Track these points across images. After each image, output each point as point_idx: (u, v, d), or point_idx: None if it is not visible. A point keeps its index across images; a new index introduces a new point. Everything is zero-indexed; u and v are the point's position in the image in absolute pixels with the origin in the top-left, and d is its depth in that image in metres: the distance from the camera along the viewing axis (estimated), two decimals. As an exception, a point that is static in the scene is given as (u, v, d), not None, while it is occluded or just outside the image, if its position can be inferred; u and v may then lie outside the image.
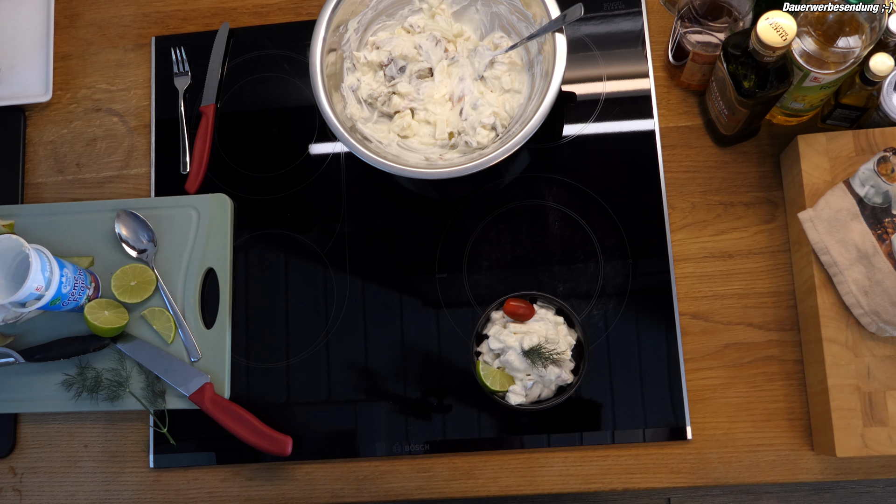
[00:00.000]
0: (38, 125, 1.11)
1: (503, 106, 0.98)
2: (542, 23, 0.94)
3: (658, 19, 1.05)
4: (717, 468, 0.92)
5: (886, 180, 0.82)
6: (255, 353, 1.00)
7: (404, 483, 0.95)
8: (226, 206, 1.02)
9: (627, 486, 0.93)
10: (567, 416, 0.94)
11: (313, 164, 1.05)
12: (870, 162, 0.83)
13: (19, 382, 0.99)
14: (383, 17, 1.03)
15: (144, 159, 1.08)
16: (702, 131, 1.01)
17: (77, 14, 1.14)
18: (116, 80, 1.11)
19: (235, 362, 0.99)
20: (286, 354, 1.00)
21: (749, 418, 0.93)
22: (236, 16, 1.11)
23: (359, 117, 1.00)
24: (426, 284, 0.99)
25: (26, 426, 1.02)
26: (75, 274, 0.94)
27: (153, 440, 0.98)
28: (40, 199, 1.09)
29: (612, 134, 1.02)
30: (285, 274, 1.02)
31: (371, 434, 0.96)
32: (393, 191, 1.04)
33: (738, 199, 0.98)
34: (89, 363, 0.98)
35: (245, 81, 1.09)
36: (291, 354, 1.00)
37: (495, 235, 1.00)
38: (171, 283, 1.00)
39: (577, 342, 0.91)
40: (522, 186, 1.01)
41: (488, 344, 0.91)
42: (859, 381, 0.85)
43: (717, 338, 0.95)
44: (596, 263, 0.98)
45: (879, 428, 0.84)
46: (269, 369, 0.99)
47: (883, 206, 0.83)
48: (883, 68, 0.83)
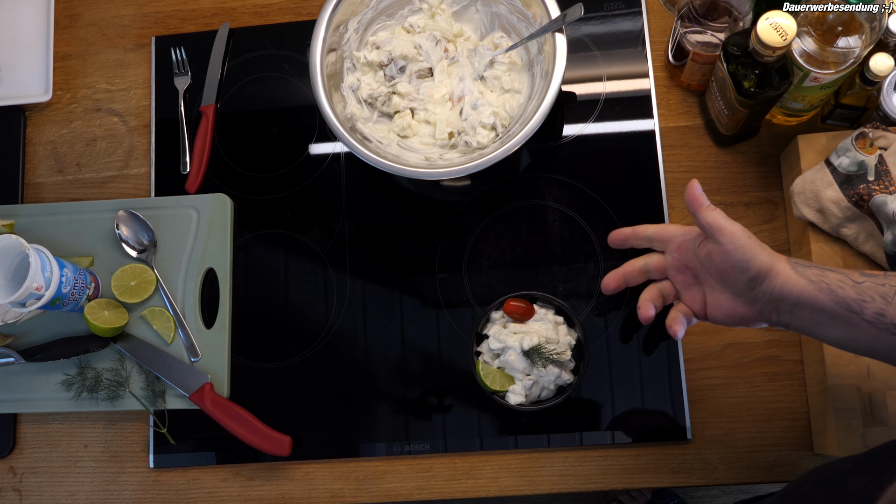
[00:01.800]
0: (38, 125, 1.11)
1: (503, 106, 0.98)
2: (542, 23, 0.94)
3: (658, 19, 1.05)
4: (717, 468, 0.92)
5: (864, 153, 0.84)
6: (255, 353, 1.00)
7: (404, 483, 0.95)
8: (226, 206, 1.02)
9: (627, 486, 0.93)
10: (567, 416, 0.94)
11: (313, 164, 1.05)
12: (848, 138, 0.85)
13: (19, 382, 0.99)
14: (383, 17, 1.03)
15: (144, 159, 1.08)
16: (702, 131, 1.01)
17: (77, 14, 1.14)
18: (116, 80, 1.11)
19: (235, 362, 0.99)
20: (286, 354, 1.00)
21: (749, 418, 0.93)
22: (236, 16, 1.11)
23: (359, 117, 1.00)
24: (426, 284, 0.99)
25: (26, 426, 1.02)
26: (75, 274, 0.94)
27: (153, 440, 0.98)
28: (40, 199, 1.09)
29: (612, 134, 1.02)
30: (285, 274, 1.02)
31: (371, 434, 0.96)
32: (393, 191, 1.04)
33: (738, 199, 0.98)
34: (89, 363, 0.98)
35: (245, 81, 1.09)
36: (291, 354, 1.00)
37: (495, 235, 1.00)
38: (171, 283, 1.00)
39: (577, 342, 0.91)
40: (522, 186, 1.01)
41: (488, 344, 0.91)
42: (859, 381, 0.85)
43: (717, 338, 0.95)
44: (596, 263, 0.98)
45: (879, 428, 0.84)
46: (269, 369, 0.99)
47: (859, 173, 0.84)
48: (883, 68, 0.83)
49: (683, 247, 0.79)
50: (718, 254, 0.72)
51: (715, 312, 0.76)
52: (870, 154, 0.84)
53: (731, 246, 0.71)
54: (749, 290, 0.71)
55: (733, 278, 0.72)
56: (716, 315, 0.76)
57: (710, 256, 0.74)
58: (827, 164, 0.87)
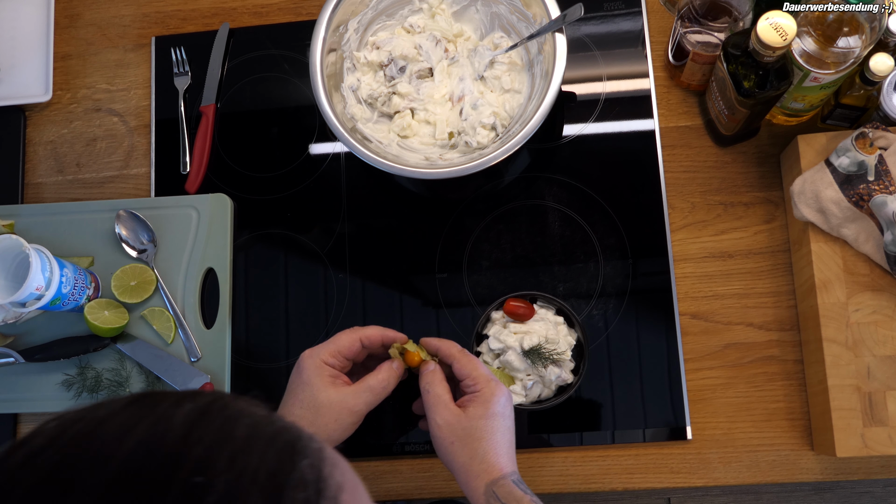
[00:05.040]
0: (38, 125, 1.11)
1: (503, 106, 0.98)
2: (542, 23, 0.94)
3: (658, 19, 1.05)
4: (717, 468, 0.92)
5: (864, 153, 0.84)
6: (255, 353, 1.00)
7: (404, 483, 0.95)
8: (226, 206, 1.02)
9: (627, 486, 0.93)
10: (567, 416, 0.94)
11: (313, 164, 1.05)
12: (848, 138, 0.85)
13: (19, 382, 0.99)
14: (383, 17, 1.03)
15: (144, 159, 1.08)
16: (702, 131, 1.01)
17: (77, 14, 1.14)
18: (116, 80, 1.11)
19: (235, 362, 0.99)
20: (286, 354, 1.00)
21: (749, 418, 0.93)
22: (236, 16, 1.11)
23: (359, 117, 1.00)
24: (426, 284, 0.99)
25: (26, 426, 1.02)
26: (75, 274, 0.94)
27: (153, 440, 0.98)
28: (40, 199, 1.09)
29: (612, 134, 1.02)
30: (285, 274, 1.02)
31: (371, 434, 0.96)
32: (393, 191, 1.04)
33: (738, 199, 0.98)
34: (89, 363, 0.98)
35: (245, 81, 1.09)
36: (291, 354, 1.00)
37: (495, 235, 1.00)
38: (171, 283, 1.00)
39: (577, 342, 0.91)
40: (522, 186, 1.01)
41: (488, 344, 0.91)
42: (859, 381, 0.85)
43: (717, 338, 0.95)
44: (596, 263, 0.98)
45: (879, 428, 0.84)
46: (269, 369, 0.99)
47: (859, 173, 0.84)
48: (883, 68, 0.83)
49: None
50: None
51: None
52: (870, 154, 0.84)
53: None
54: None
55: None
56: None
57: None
58: (827, 164, 0.87)
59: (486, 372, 0.78)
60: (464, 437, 0.75)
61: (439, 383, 0.78)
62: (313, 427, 0.76)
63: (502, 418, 0.76)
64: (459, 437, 0.75)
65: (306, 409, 0.77)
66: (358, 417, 0.77)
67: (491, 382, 0.77)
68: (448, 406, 0.76)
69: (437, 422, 0.76)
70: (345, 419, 0.76)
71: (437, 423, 0.76)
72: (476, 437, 0.74)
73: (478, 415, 0.75)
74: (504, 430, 0.76)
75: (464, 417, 0.75)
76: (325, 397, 0.76)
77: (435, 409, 0.76)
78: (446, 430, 0.75)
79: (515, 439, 0.94)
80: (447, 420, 0.76)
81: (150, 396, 0.39)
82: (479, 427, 0.75)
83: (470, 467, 0.74)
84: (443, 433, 0.75)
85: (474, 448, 0.74)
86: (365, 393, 0.77)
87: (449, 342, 0.81)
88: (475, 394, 0.77)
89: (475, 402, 0.76)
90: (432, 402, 0.77)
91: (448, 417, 0.76)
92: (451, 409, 0.76)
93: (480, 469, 0.74)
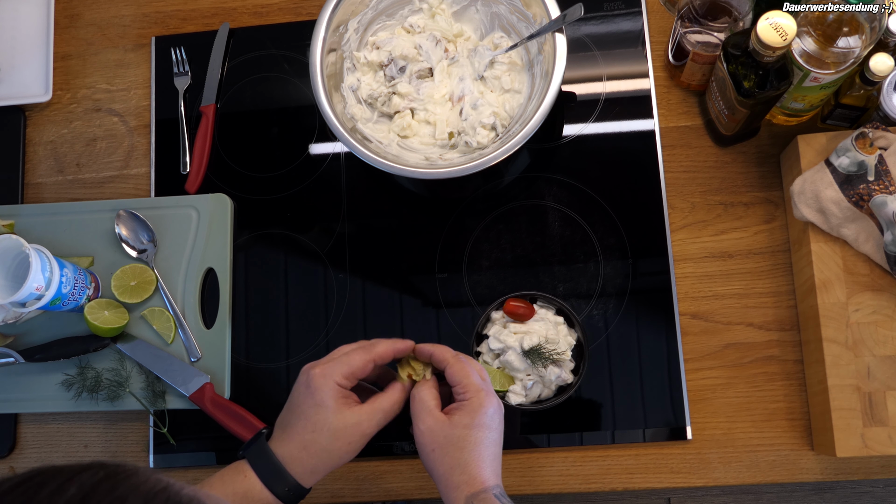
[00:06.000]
0: (38, 125, 1.11)
1: (503, 106, 0.98)
2: (542, 23, 0.94)
3: (658, 19, 1.05)
4: (717, 468, 0.92)
5: (864, 153, 0.84)
6: (255, 353, 1.00)
7: (404, 483, 0.95)
8: (226, 206, 1.02)
9: (627, 486, 0.93)
10: (567, 416, 0.94)
11: (313, 164, 1.05)
12: (848, 138, 0.85)
13: (19, 382, 0.99)
14: (383, 17, 1.03)
15: (144, 159, 1.08)
16: (702, 131, 1.01)
17: (77, 14, 1.14)
18: (116, 80, 1.11)
19: (235, 362, 0.99)
20: (286, 354, 1.00)
21: (749, 418, 0.93)
22: (236, 16, 1.11)
23: (359, 117, 1.00)
24: (426, 284, 0.99)
25: (26, 426, 1.02)
26: (75, 274, 0.94)
27: (153, 440, 0.98)
28: (40, 199, 1.09)
29: (612, 134, 1.02)
30: (285, 274, 1.02)
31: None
32: (393, 191, 1.04)
33: (738, 199, 0.98)
34: (89, 363, 0.98)
35: (245, 81, 1.09)
36: (291, 354, 1.00)
37: (495, 235, 1.00)
38: (171, 283, 1.00)
39: (577, 342, 0.91)
40: (522, 186, 1.01)
41: (488, 344, 0.91)
42: (859, 381, 0.85)
43: (717, 338, 0.95)
44: (596, 263, 0.98)
45: (879, 428, 0.84)
46: (269, 369, 0.99)
47: (859, 173, 0.84)
48: (883, 68, 0.83)
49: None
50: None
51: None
52: (870, 154, 0.84)
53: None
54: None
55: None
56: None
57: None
58: (827, 164, 0.87)
59: (478, 381, 0.76)
60: (445, 445, 0.73)
61: (427, 390, 0.77)
62: (327, 451, 0.74)
63: (488, 430, 0.74)
64: (441, 444, 0.73)
65: (320, 434, 0.74)
66: (368, 439, 0.76)
67: (481, 392, 0.75)
68: (432, 412, 0.75)
69: (420, 428, 0.75)
70: (357, 442, 0.75)
71: (419, 429, 0.74)
72: (458, 445, 0.73)
73: (462, 423, 0.73)
74: (489, 442, 0.74)
75: (447, 425, 0.74)
76: (341, 421, 0.74)
77: (419, 415, 0.75)
78: (428, 436, 0.74)
79: (513, 441, 0.94)
80: (429, 426, 0.74)
81: (40, 475, 0.36)
82: (462, 436, 0.73)
83: (450, 477, 0.72)
84: (425, 439, 0.74)
85: (455, 457, 0.73)
86: (378, 415, 0.76)
87: (442, 347, 0.79)
88: (463, 402, 0.75)
89: (462, 411, 0.74)
90: (417, 407, 0.76)
91: (431, 424, 0.74)
92: (434, 416, 0.75)
93: (461, 480, 0.72)
